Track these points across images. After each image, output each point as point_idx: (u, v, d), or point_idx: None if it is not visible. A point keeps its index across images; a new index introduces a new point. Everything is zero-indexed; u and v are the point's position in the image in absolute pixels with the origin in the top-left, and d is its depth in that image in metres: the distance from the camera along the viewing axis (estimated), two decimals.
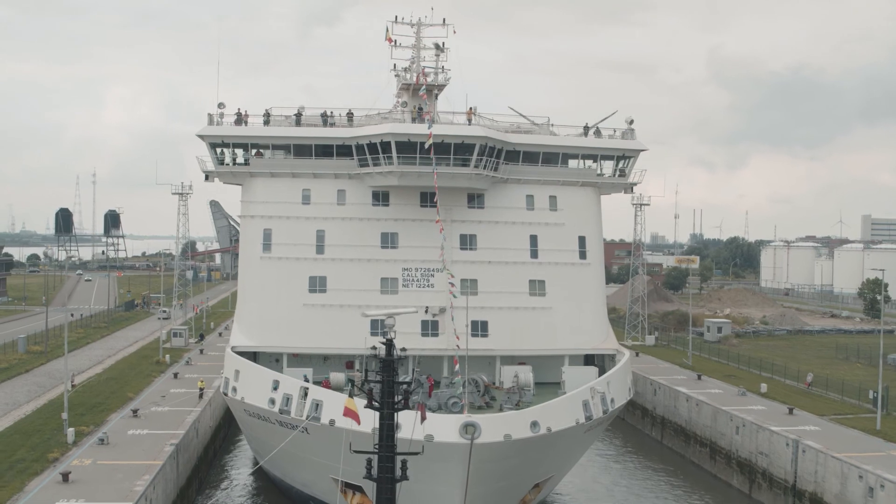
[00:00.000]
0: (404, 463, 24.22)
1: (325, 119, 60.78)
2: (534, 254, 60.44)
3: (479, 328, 58.36)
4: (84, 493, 43.50)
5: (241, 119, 60.94)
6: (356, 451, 24.17)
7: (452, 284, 53.08)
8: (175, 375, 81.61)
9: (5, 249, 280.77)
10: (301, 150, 59.98)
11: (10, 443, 54.49)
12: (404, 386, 24.35)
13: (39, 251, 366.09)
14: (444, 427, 40.40)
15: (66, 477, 45.74)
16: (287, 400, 47.91)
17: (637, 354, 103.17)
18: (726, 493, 64.33)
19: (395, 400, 23.90)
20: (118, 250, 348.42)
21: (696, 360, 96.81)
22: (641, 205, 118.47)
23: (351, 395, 32.19)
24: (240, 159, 60.95)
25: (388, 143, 55.77)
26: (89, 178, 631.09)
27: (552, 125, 64.19)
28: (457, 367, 46.33)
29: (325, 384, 52.03)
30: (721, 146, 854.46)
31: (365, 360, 24.30)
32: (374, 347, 24.45)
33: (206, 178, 62.03)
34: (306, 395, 46.53)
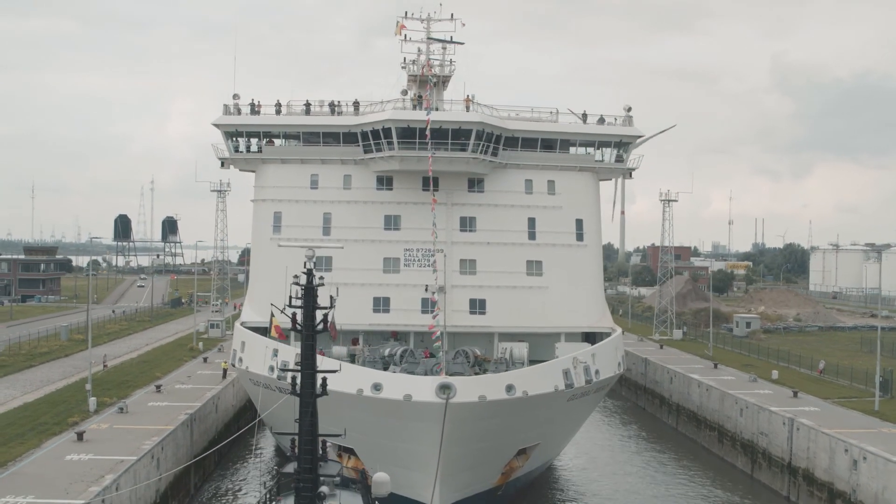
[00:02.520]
0: (324, 380, 26.94)
1: (333, 108, 63.91)
2: (531, 235, 62.53)
3: (478, 306, 60.70)
4: (94, 450, 46.79)
5: (254, 109, 64.35)
6: (282, 370, 26.87)
7: (435, 271, 54.62)
8: (205, 360, 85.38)
9: (68, 256, 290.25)
10: (310, 137, 63.25)
11: (36, 410, 58.35)
12: (324, 311, 27.01)
13: (99, 258, 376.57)
14: (421, 387, 42.84)
15: (80, 436, 49.16)
16: (285, 366, 50.79)
17: (661, 347, 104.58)
18: (730, 475, 65.20)
19: (315, 323, 26.63)
20: (175, 256, 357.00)
21: (719, 352, 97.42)
22: (669, 201, 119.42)
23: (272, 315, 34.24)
24: (253, 147, 64.40)
25: (389, 129, 58.58)
26: (151, 187, 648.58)
27: (554, 112, 66.21)
28: (436, 335, 48.57)
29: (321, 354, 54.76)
30: (785, 155, 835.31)
31: (290, 284, 26.54)
32: (296, 276, 27.17)
33: (222, 164, 65.77)
34: None
